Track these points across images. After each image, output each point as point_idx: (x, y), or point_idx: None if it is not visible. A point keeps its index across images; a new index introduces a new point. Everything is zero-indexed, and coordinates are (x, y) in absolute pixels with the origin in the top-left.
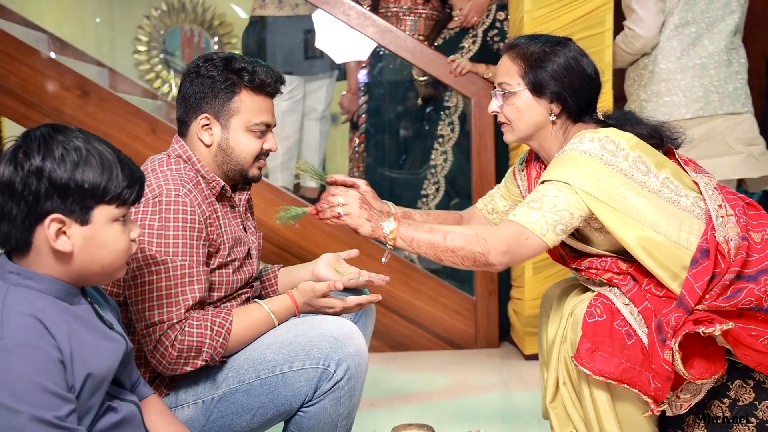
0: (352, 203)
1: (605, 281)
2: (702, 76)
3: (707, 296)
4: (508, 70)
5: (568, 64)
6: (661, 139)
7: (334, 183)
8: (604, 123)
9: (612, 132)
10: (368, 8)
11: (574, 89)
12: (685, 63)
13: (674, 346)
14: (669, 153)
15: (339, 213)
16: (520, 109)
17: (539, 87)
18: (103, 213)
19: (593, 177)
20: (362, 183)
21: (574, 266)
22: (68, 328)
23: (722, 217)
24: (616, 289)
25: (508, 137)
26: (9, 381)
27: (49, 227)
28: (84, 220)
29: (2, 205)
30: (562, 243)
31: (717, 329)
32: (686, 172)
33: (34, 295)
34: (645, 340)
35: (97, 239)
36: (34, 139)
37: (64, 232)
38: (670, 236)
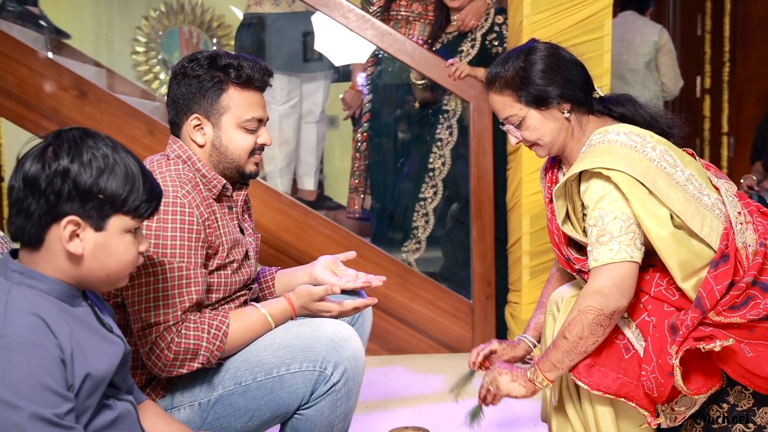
0: (494, 378)
1: None
2: None
3: (722, 300)
4: (504, 104)
5: (549, 64)
6: (660, 128)
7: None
8: (611, 113)
9: (634, 127)
10: (380, 9)
11: (569, 80)
12: None
13: (675, 362)
14: (690, 156)
15: (492, 392)
16: (537, 127)
17: (541, 100)
18: (118, 222)
19: (625, 159)
20: (495, 343)
21: (578, 267)
22: (69, 329)
23: (741, 224)
24: None
25: (541, 153)
26: (11, 377)
27: (64, 228)
28: (99, 227)
29: (22, 200)
30: (570, 242)
31: (717, 345)
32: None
33: (36, 295)
34: (642, 353)
35: (108, 247)
36: (65, 141)
37: (78, 235)
38: (694, 227)
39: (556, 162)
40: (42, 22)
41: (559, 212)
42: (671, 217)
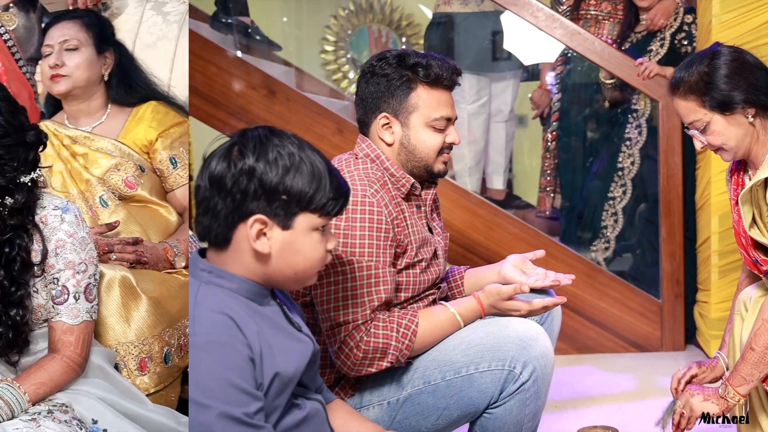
0: (687, 401)
1: None
2: None
3: None
4: (688, 109)
5: (733, 69)
6: None
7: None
8: None
9: None
10: (569, 8)
11: (754, 85)
12: None
13: None
14: None
15: (686, 415)
16: (722, 132)
17: (725, 105)
18: (305, 220)
19: None
20: (694, 367)
21: (765, 269)
22: (258, 328)
23: None
24: None
25: (726, 157)
26: (199, 377)
27: (251, 227)
28: (286, 225)
29: (209, 199)
30: (756, 244)
31: None
32: None
33: (225, 294)
34: None
35: (295, 245)
36: (250, 139)
37: (265, 234)
38: None
39: (741, 164)
40: (253, 32)
41: (746, 217)
42: None
